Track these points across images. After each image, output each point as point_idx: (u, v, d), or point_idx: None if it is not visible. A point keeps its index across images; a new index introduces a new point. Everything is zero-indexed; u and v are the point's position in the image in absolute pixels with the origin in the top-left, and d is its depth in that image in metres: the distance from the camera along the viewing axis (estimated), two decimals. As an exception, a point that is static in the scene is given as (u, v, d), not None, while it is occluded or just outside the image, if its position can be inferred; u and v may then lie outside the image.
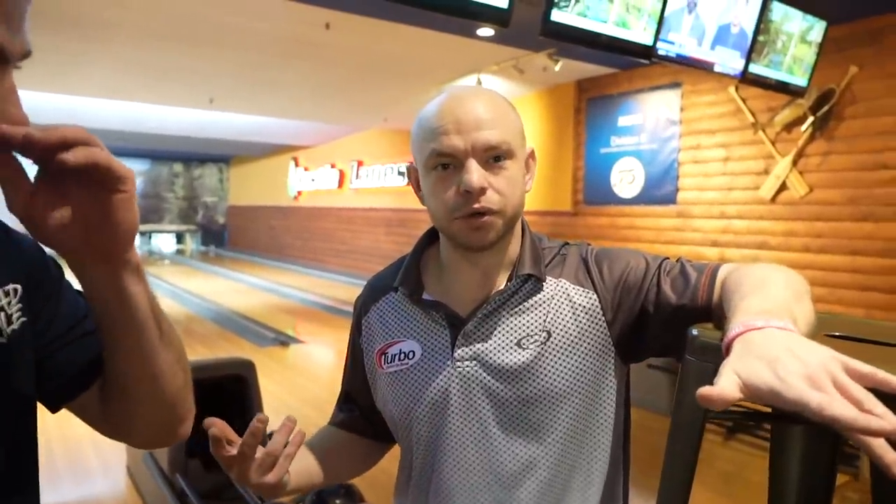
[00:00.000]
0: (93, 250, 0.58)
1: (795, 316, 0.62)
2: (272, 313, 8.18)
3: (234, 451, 0.79)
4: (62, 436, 3.52)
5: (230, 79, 6.72)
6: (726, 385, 0.50)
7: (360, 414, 1.02)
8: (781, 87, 4.02)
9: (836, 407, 0.45)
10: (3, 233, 0.67)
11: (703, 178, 5.43)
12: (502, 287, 0.89)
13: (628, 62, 5.21)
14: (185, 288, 10.02)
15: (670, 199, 5.66)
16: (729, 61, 3.65)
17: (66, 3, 4.20)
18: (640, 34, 3.16)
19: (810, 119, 4.56)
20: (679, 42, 3.37)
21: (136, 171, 17.95)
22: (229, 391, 2.83)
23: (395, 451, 1.02)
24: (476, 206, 0.82)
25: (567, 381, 0.86)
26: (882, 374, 0.49)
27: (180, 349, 0.70)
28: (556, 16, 2.84)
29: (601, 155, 6.28)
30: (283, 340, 6.58)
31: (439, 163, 0.84)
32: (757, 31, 3.66)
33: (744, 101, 5.05)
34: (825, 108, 4.48)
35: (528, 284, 0.90)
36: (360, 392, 1.01)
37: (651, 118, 5.81)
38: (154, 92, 7.62)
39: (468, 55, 5.40)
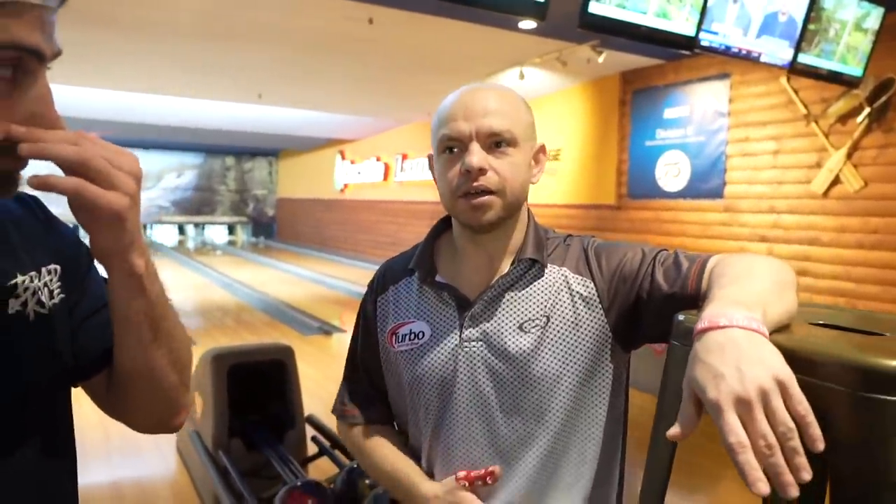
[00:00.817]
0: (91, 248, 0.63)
1: (768, 308, 0.65)
2: (317, 303, 8.38)
3: None
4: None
5: (277, 75, 6.90)
6: (686, 419, 0.59)
7: (379, 399, 1.05)
8: (833, 78, 3.87)
9: (742, 459, 0.52)
10: (47, 220, 0.76)
11: (752, 171, 5.27)
12: (506, 271, 0.94)
13: (674, 53, 5.09)
14: (235, 278, 10.35)
15: (717, 193, 5.53)
16: (777, 51, 3.54)
17: (122, 6, 4.41)
18: (682, 25, 3.10)
19: (866, 110, 4.38)
20: (723, 32, 3.29)
21: (191, 164, 18.79)
22: (269, 375, 2.95)
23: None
24: (475, 184, 0.88)
25: (562, 364, 0.90)
26: (811, 423, 0.53)
27: (177, 352, 0.73)
28: (595, 7, 2.82)
29: (646, 148, 6.17)
30: (327, 329, 6.75)
31: (447, 146, 0.91)
32: (807, 20, 3.53)
33: (796, 91, 4.87)
34: (883, 99, 4.29)
35: (531, 271, 0.94)
36: (375, 369, 1.04)
37: (699, 110, 5.67)
38: (205, 88, 7.89)
39: (510, 48, 5.39)
